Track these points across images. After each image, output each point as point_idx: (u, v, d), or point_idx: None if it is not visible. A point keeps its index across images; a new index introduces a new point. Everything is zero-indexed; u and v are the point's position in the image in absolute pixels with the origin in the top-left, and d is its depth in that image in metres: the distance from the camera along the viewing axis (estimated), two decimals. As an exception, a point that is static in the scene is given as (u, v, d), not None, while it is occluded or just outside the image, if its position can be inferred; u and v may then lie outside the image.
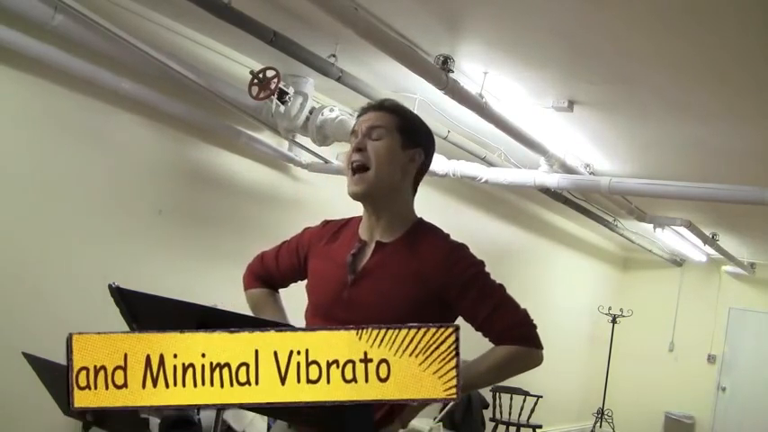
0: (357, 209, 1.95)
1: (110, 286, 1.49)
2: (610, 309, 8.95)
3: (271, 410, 1.93)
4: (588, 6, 2.91)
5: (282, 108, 3.95)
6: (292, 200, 4.94)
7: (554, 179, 4.85)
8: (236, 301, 2.61)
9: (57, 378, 2.36)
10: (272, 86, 3.75)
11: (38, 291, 3.52)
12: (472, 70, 3.81)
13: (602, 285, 9.86)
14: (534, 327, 1.80)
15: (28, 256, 3.50)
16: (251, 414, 3.87)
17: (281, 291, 2.15)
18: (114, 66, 3.55)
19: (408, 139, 1.84)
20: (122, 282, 1.49)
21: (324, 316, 1.83)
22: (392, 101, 1.90)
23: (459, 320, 1.85)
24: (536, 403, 6.96)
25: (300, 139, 4.48)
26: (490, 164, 4.97)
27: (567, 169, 4.87)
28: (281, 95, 3.86)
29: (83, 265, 3.69)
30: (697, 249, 8.08)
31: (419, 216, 1.91)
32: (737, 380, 9.47)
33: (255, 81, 3.76)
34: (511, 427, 6.89)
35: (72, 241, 3.67)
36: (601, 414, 8.81)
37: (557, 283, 8.45)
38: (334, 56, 3.67)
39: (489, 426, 6.73)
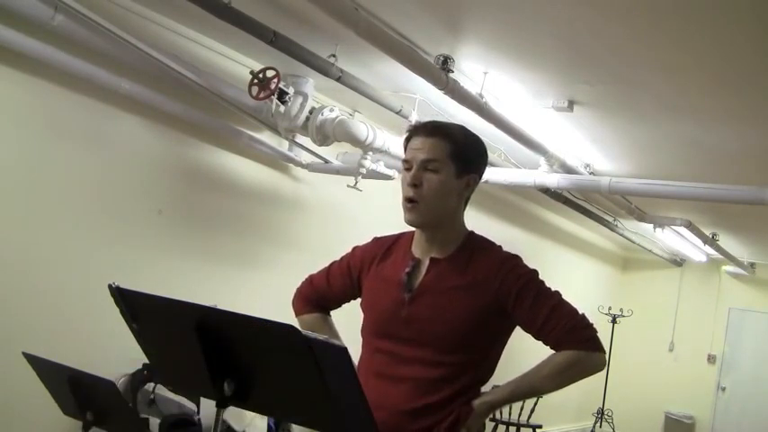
0: (357, 210, 1.96)
1: (110, 286, 1.50)
2: (610, 309, 8.95)
3: (271, 410, 1.94)
4: (587, 9, 2.91)
5: (282, 108, 3.94)
6: (292, 200, 4.94)
7: (554, 179, 4.85)
8: (236, 300, 2.63)
9: (57, 378, 2.37)
10: (272, 86, 3.75)
11: (38, 291, 3.52)
12: (472, 70, 3.81)
13: (602, 285, 9.85)
14: (594, 330, 1.82)
15: (27, 256, 3.50)
16: (251, 414, 3.87)
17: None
18: (114, 66, 3.54)
19: (463, 166, 1.84)
20: (122, 281, 1.50)
21: (383, 335, 1.86)
22: (444, 126, 1.88)
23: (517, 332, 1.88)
24: (536, 403, 6.96)
25: (300, 139, 4.48)
26: (490, 164, 4.96)
27: (567, 169, 4.87)
28: (281, 95, 3.86)
29: (82, 266, 3.69)
30: (697, 249, 8.08)
31: (469, 229, 1.93)
32: (737, 380, 9.47)
33: (255, 81, 3.76)
34: (511, 427, 6.89)
35: (71, 241, 3.67)
36: (601, 414, 8.81)
37: (556, 284, 8.40)
38: (334, 56, 3.66)
39: (489, 426, 6.73)
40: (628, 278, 10.42)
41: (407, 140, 1.88)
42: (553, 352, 1.81)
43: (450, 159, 1.82)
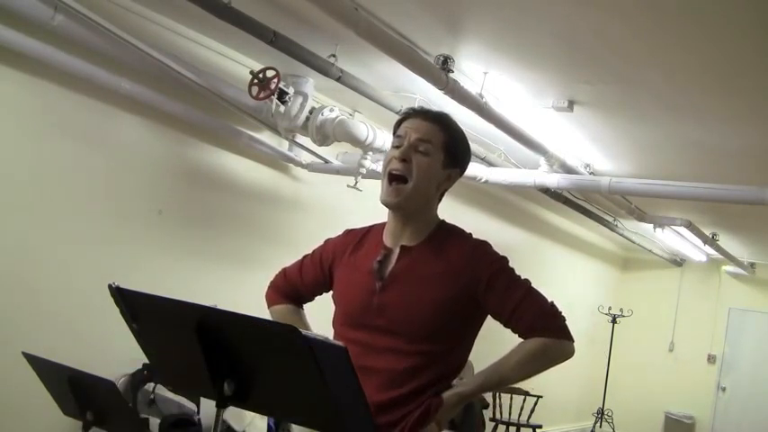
0: (357, 210, 1.96)
1: (110, 286, 1.49)
2: (610, 309, 8.95)
3: (271, 410, 1.94)
4: (587, 8, 2.91)
5: (282, 108, 3.95)
6: (292, 200, 4.94)
7: (554, 179, 4.85)
8: (236, 300, 2.62)
9: (57, 378, 2.37)
10: (272, 86, 3.75)
11: (38, 291, 3.52)
12: (472, 70, 3.81)
13: (602, 285, 9.85)
14: (562, 318, 1.81)
15: (28, 256, 3.50)
16: (251, 414, 3.87)
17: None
18: (114, 66, 3.55)
19: (451, 158, 1.86)
20: (122, 282, 1.49)
21: (355, 324, 1.85)
22: (446, 115, 1.90)
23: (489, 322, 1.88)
24: (536, 403, 6.96)
25: (300, 139, 4.48)
26: (490, 164, 4.97)
27: (567, 169, 4.87)
28: (281, 95, 3.86)
29: (83, 265, 3.69)
30: (697, 249, 8.08)
31: (441, 218, 1.93)
32: (737, 380, 9.47)
33: (255, 81, 3.76)
34: (511, 427, 6.89)
35: (71, 241, 3.67)
36: (601, 414, 8.81)
37: (556, 284, 8.43)
38: (334, 56, 3.66)
39: (489, 426, 6.73)
40: (628, 278, 10.42)
41: (402, 120, 1.89)
42: (522, 340, 1.80)
43: (442, 149, 1.84)
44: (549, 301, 1.82)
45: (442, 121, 1.87)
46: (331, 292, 2.01)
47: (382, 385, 1.77)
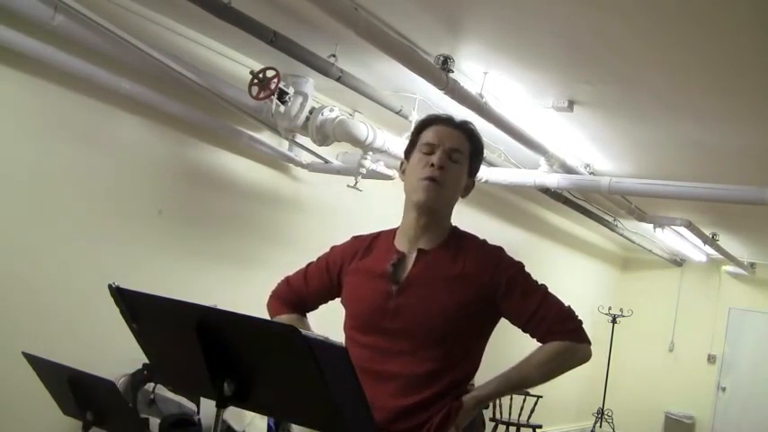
0: (357, 210, 1.96)
1: (110, 286, 1.50)
2: (610, 309, 8.95)
3: (271, 410, 1.94)
4: (587, 8, 2.91)
5: (282, 108, 3.94)
6: (292, 200, 4.94)
7: (554, 179, 4.85)
8: (236, 300, 2.63)
9: (57, 378, 2.37)
10: (272, 86, 3.75)
11: (37, 290, 3.52)
12: (472, 70, 3.81)
13: (602, 285, 9.85)
14: (579, 321, 1.84)
15: (28, 256, 3.50)
16: (251, 414, 3.87)
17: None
18: (114, 66, 3.54)
19: (473, 167, 1.95)
20: (122, 282, 1.49)
21: (368, 329, 1.85)
22: (469, 125, 1.95)
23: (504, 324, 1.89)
24: (536, 403, 6.96)
25: (300, 139, 4.48)
26: (490, 164, 4.97)
27: (567, 169, 4.87)
28: (281, 95, 3.86)
29: (83, 265, 3.69)
30: (697, 249, 8.08)
31: (470, 227, 1.98)
32: (737, 380, 9.47)
33: (255, 81, 3.76)
34: (511, 427, 6.89)
35: (72, 241, 3.67)
36: (601, 414, 8.82)
37: (556, 284, 8.37)
38: (334, 56, 3.66)
39: (489, 426, 6.73)
40: (628, 278, 10.42)
41: (426, 125, 1.93)
42: (539, 344, 1.83)
43: (468, 158, 1.91)
44: (567, 305, 1.85)
45: (469, 131, 1.93)
46: (339, 299, 2.00)
47: (399, 390, 1.77)
